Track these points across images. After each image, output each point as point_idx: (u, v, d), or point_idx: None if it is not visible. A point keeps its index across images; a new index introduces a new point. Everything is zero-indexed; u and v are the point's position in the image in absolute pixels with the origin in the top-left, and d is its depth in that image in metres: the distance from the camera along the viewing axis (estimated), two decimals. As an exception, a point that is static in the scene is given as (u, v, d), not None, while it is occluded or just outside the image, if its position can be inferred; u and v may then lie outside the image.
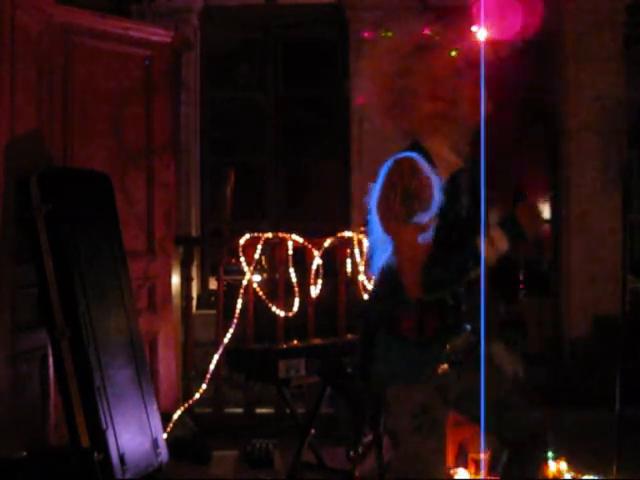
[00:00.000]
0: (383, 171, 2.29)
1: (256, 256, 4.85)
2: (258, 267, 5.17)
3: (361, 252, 5.05)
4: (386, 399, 2.34)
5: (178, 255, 5.01)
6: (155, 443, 3.90)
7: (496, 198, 2.33)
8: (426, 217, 2.20)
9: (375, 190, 2.30)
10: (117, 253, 4.03)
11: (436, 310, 2.30)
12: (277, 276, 5.11)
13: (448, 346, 2.32)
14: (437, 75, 2.30)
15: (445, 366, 2.31)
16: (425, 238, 2.20)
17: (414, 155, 2.28)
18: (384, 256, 2.31)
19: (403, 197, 2.19)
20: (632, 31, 6.52)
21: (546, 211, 6.72)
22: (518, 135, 6.38)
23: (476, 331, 2.39)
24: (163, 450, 3.96)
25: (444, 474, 2.40)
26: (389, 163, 2.29)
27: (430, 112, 2.32)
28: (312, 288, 4.91)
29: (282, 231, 5.02)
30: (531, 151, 6.61)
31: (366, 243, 2.43)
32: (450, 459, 3.95)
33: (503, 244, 2.25)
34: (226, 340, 4.63)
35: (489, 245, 2.22)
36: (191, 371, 5.02)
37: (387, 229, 2.26)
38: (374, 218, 2.31)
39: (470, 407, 2.49)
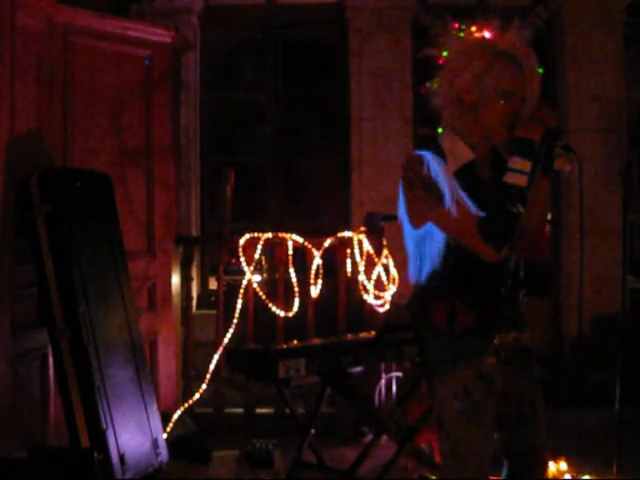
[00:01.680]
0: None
1: (256, 256, 4.85)
2: (258, 267, 5.18)
3: (361, 252, 5.05)
4: (434, 383, 2.37)
5: (178, 255, 5.01)
6: (155, 443, 3.90)
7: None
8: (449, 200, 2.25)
9: (400, 199, 2.36)
10: (117, 253, 4.03)
11: (475, 306, 2.31)
12: (277, 276, 5.11)
13: (496, 340, 2.33)
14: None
15: (492, 359, 2.32)
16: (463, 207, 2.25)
17: (420, 152, 2.33)
18: (433, 249, 2.34)
19: (425, 187, 2.25)
20: (632, 31, 6.53)
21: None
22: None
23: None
24: (163, 450, 3.96)
25: (488, 462, 2.36)
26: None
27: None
28: (312, 288, 4.91)
29: (282, 231, 5.02)
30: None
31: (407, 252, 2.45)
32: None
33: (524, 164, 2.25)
34: (226, 340, 4.63)
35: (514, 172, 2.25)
36: (191, 371, 5.02)
37: (427, 220, 2.31)
38: (407, 224, 2.36)
39: (501, 411, 2.43)
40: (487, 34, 2.37)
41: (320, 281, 4.91)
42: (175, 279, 4.90)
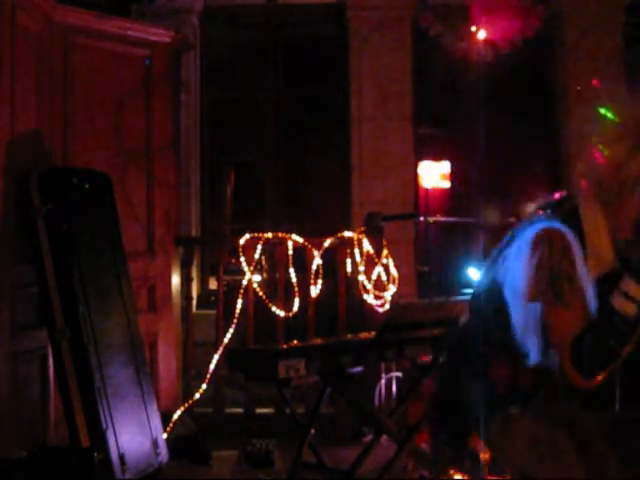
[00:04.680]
0: (527, 243, 1.98)
1: (256, 256, 4.85)
2: (258, 267, 5.17)
3: (361, 252, 5.05)
4: (488, 434, 2.05)
5: (178, 255, 5.01)
6: (155, 443, 3.90)
7: None
8: (587, 292, 1.91)
9: (517, 264, 1.99)
10: (117, 253, 4.03)
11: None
12: (277, 276, 5.11)
13: None
14: None
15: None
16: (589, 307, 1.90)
17: (562, 228, 1.96)
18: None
19: (551, 278, 1.91)
20: (632, 31, 6.53)
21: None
22: (519, 136, 6.38)
23: None
24: (163, 450, 3.96)
25: None
26: (533, 233, 1.98)
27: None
28: (312, 288, 4.91)
29: (282, 231, 5.02)
30: (531, 151, 6.61)
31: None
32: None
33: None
34: (226, 340, 4.63)
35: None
36: (191, 371, 5.02)
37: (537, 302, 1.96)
38: (518, 298, 1.99)
39: None
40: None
41: (320, 281, 4.91)
42: (175, 279, 4.90)
